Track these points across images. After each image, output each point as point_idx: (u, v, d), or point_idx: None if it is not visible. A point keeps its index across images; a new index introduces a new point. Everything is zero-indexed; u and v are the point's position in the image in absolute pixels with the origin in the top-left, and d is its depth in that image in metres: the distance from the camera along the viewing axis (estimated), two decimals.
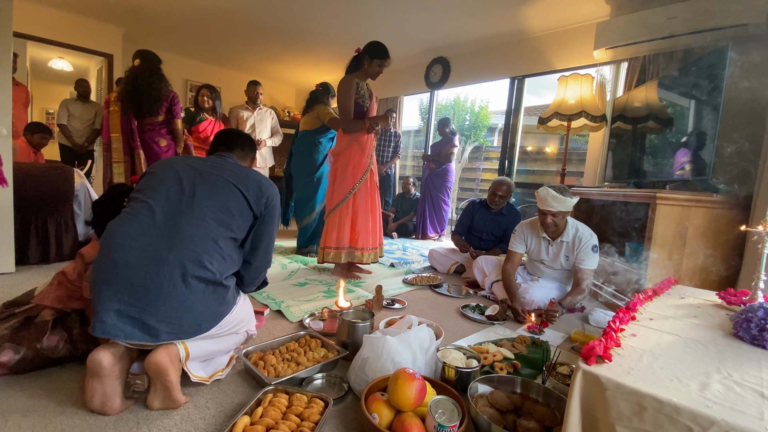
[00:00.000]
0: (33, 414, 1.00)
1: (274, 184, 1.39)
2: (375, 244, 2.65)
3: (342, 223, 2.54)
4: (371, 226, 2.62)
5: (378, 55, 2.46)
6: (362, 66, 2.51)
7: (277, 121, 4.13)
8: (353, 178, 2.54)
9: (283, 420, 0.99)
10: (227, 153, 1.44)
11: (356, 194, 2.55)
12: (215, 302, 1.15)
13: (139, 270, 1.03)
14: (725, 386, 0.72)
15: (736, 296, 1.28)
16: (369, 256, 2.60)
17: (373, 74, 2.53)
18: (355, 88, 2.47)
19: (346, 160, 2.55)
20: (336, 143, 2.68)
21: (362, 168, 2.55)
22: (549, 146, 6.09)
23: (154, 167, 1.29)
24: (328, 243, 2.55)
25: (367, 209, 2.60)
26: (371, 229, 2.62)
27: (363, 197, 2.57)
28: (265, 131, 3.98)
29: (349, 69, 2.57)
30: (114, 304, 1.00)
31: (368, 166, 2.57)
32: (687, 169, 2.21)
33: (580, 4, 3.26)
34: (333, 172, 2.63)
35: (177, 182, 1.21)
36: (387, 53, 2.48)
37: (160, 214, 1.12)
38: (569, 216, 2.09)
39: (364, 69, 2.51)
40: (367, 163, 2.56)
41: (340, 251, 2.55)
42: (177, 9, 4.10)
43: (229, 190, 1.24)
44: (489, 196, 2.95)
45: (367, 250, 2.58)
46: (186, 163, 1.30)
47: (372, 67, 2.49)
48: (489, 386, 1.21)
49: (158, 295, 1.02)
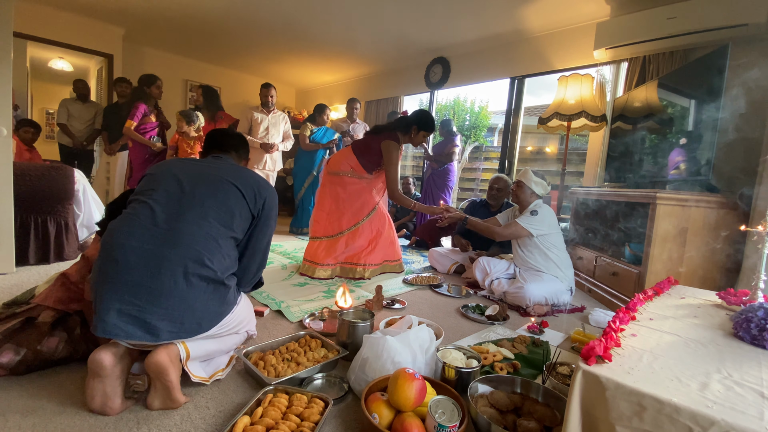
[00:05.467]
0: (33, 414, 1.00)
1: (272, 186, 1.39)
2: (388, 258, 2.70)
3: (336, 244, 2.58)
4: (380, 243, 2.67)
5: (426, 128, 2.56)
6: (408, 133, 2.58)
7: (290, 125, 4.16)
8: (356, 215, 2.59)
9: (283, 420, 0.99)
10: (223, 154, 1.44)
11: (363, 226, 2.61)
12: (216, 301, 1.15)
13: (141, 268, 1.03)
14: (725, 386, 0.72)
15: (736, 296, 1.27)
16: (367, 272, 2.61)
17: (417, 143, 2.65)
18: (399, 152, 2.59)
19: (345, 187, 2.58)
20: (335, 164, 2.62)
21: (370, 206, 2.62)
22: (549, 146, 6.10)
23: (153, 169, 1.29)
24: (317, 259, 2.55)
25: (380, 230, 2.66)
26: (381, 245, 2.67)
27: (369, 227, 2.64)
28: (277, 135, 3.98)
29: (391, 127, 2.61)
30: (115, 303, 1.00)
31: (376, 205, 2.65)
32: (687, 169, 2.22)
33: (580, 4, 3.26)
34: (335, 196, 2.60)
35: (177, 182, 1.21)
36: (435, 126, 2.62)
37: (161, 213, 1.13)
38: (538, 199, 2.37)
39: (409, 135, 2.59)
40: (376, 202, 2.64)
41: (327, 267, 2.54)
42: (177, 9, 4.10)
43: (229, 190, 1.24)
44: (488, 191, 3.15)
45: (369, 266, 2.61)
46: (184, 164, 1.31)
47: (417, 138, 2.60)
48: (489, 386, 1.21)
49: (160, 293, 1.03)
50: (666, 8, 2.67)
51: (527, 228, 2.23)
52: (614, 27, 2.99)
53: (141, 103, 3.62)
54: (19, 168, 2.28)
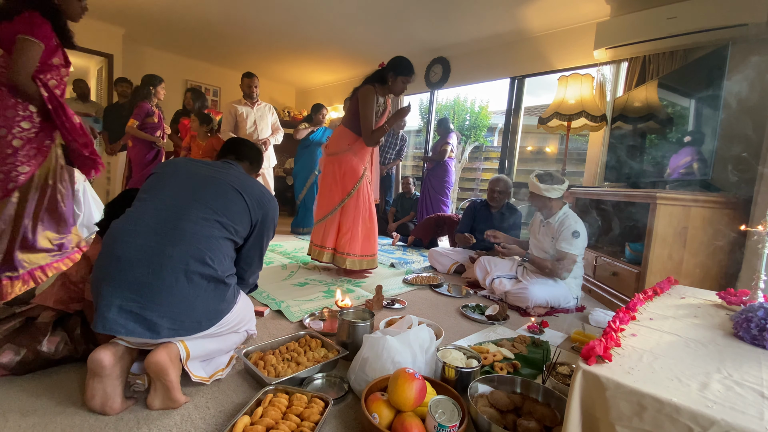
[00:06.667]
0: (33, 414, 1.00)
1: (275, 200, 1.41)
2: (365, 252, 2.61)
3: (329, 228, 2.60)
4: (362, 233, 2.60)
5: (402, 72, 2.42)
6: (386, 82, 2.48)
7: (277, 116, 3.96)
8: (345, 187, 2.56)
9: (283, 420, 0.99)
10: (235, 162, 1.45)
11: (347, 204, 2.56)
12: (216, 299, 1.16)
13: (142, 266, 1.03)
14: (725, 386, 0.72)
15: (736, 296, 1.27)
16: (354, 263, 2.57)
17: (398, 91, 2.50)
18: (375, 100, 2.46)
19: (341, 164, 2.56)
20: (333, 144, 2.63)
21: (356, 177, 2.56)
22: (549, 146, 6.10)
23: (159, 168, 1.30)
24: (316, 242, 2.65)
25: (357, 217, 2.58)
26: (363, 236, 2.60)
27: (353, 206, 2.56)
28: (266, 129, 3.79)
29: (370, 79, 2.52)
30: (116, 299, 1.01)
31: (362, 174, 2.57)
32: (687, 169, 2.22)
33: (580, 4, 3.26)
34: (332, 174, 2.60)
35: (182, 183, 1.23)
36: (412, 70, 2.45)
37: (165, 212, 1.14)
38: (567, 204, 2.28)
39: (387, 86, 2.49)
40: (360, 172, 2.56)
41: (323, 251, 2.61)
42: (177, 9, 4.10)
43: (234, 196, 1.25)
44: (488, 193, 3.06)
45: (351, 257, 2.55)
46: (194, 165, 1.32)
47: (396, 84, 2.46)
48: (489, 386, 1.21)
49: (160, 290, 1.03)
50: (666, 8, 2.67)
51: (577, 254, 2.14)
52: (614, 27, 2.99)
53: (144, 103, 3.62)
54: None
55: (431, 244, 4.02)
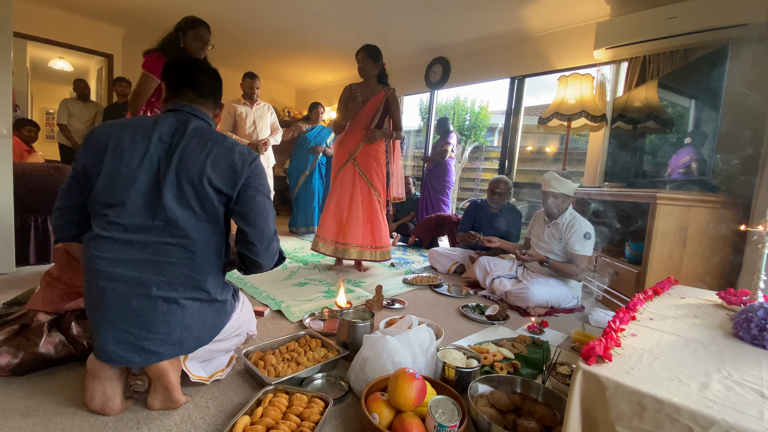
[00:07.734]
0: (33, 414, 1.00)
1: (252, 151, 1.13)
2: (359, 241, 2.67)
3: (326, 212, 2.76)
4: (354, 220, 2.67)
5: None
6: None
7: (277, 116, 3.92)
8: (333, 169, 2.81)
9: (283, 420, 0.99)
10: (195, 105, 1.15)
11: (334, 186, 2.76)
12: (213, 316, 1.13)
13: (129, 297, 0.98)
14: (725, 386, 0.72)
15: (736, 296, 1.27)
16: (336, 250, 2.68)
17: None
18: (346, 94, 2.76)
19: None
20: None
21: (341, 160, 2.77)
22: (549, 146, 6.10)
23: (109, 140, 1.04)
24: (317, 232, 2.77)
25: (343, 200, 2.71)
26: (354, 223, 2.67)
27: (339, 187, 2.73)
28: (265, 129, 3.76)
29: None
30: (111, 332, 0.98)
31: (348, 158, 2.73)
32: (687, 169, 2.21)
33: (580, 4, 3.26)
34: None
35: (146, 186, 1.02)
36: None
37: (138, 235, 1.00)
38: (571, 205, 2.26)
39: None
40: (345, 156, 2.74)
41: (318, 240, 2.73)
42: (177, 9, 4.10)
43: (210, 191, 1.04)
44: (488, 194, 3.04)
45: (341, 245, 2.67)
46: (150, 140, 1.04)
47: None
48: (489, 386, 1.21)
49: (153, 320, 0.99)
50: (666, 8, 2.67)
51: (590, 255, 2.17)
52: (614, 27, 2.99)
53: None
54: (19, 168, 2.28)
55: (431, 244, 4.02)
